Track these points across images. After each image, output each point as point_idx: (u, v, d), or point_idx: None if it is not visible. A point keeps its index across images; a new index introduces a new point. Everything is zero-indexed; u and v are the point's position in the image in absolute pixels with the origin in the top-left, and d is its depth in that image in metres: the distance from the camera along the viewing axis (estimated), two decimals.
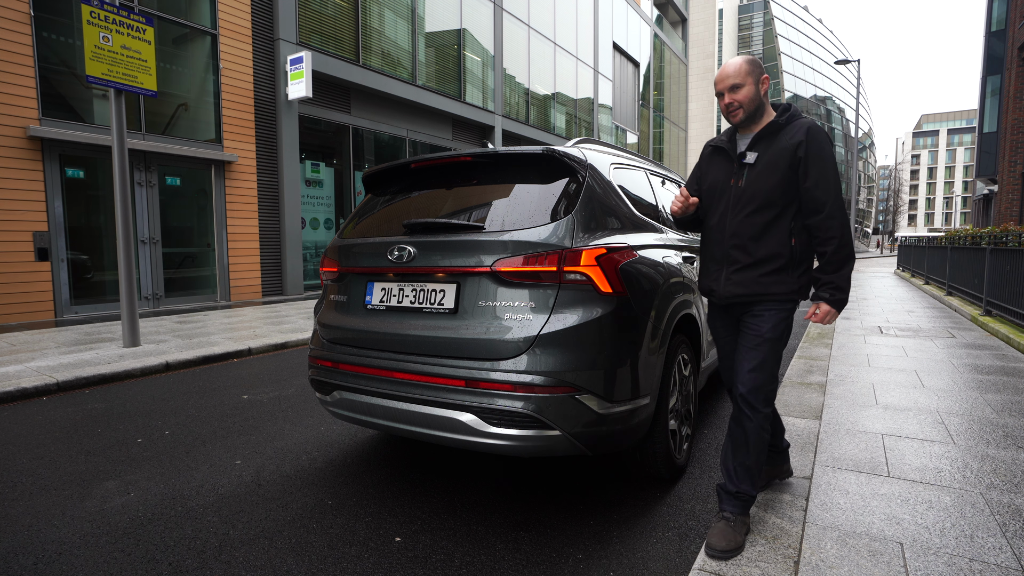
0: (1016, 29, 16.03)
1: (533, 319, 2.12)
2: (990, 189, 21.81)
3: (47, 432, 3.54)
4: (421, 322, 2.30)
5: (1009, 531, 2.01)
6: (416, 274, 2.37)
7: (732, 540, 1.89)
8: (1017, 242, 7.03)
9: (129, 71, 5.68)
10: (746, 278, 2.02)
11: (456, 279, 2.29)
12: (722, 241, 2.07)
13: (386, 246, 2.44)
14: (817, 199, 1.92)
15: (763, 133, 2.02)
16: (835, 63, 24.30)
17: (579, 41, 21.49)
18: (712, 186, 2.12)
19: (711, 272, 2.13)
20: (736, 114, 2.03)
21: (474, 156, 2.53)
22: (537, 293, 2.15)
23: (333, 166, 12.25)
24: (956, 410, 3.43)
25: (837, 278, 1.95)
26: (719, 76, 2.04)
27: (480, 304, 2.22)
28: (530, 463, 2.94)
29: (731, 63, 2.03)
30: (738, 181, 2.03)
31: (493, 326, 2.16)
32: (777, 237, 1.98)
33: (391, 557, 2.08)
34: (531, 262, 2.16)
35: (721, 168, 2.11)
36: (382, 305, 2.46)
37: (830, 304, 1.97)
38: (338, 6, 11.84)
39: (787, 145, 1.95)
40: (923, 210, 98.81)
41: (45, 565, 2.06)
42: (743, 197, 2.01)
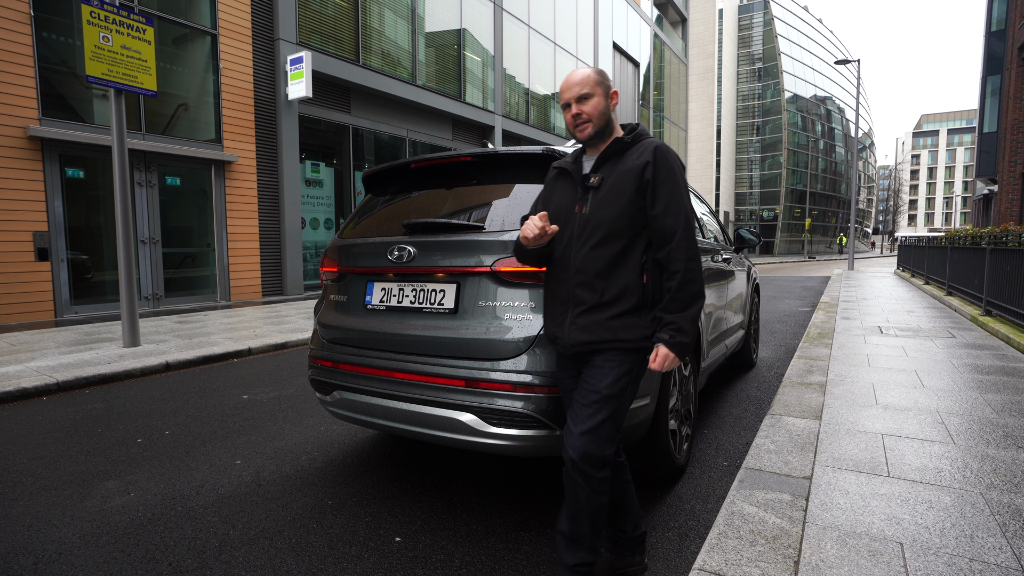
0: (1016, 29, 16.03)
1: (533, 319, 2.12)
2: (990, 189, 21.82)
3: (47, 432, 3.54)
4: (421, 322, 2.30)
5: (1009, 531, 2.01)
6: (416, 274, 2.37)
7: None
8: (1017, 242, 7.03)
9: (129, 71, 5.68)
10: (592, 322, 1.70)
11: (456, 279, 2.29)
12: (566, 279, 1.75)
13: (386, 246, 2.44)
14: (666, 227, 1.68)
15: (608, 153, 1.77)
16: (835, 63, 24.30)
17: (579, 41, 21.50)
18: (556, 213, 1.80)
19: (555, 315, 1.80)
20: (584, 128, 1.76)
21: (474, 156, 2.53)
22: (537, 293, 2.15)
23: (333, 166, 12.25)
24: (956, 410, 3.43)
25: (680, 318, 1.65)
26: (564, 85, 1.79)
27: (480, 304, 2.22)
28: (530, 463, 2.94)
29: (578, 72, 1.78)
30: (582, 208, 1.74)
31: (493, 326, 2.16)
32: (627, 273, 1.70)
33: (391, 557, 2.08)
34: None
35: (565, 193, 1.81)
36: (382, 305, 2.47)
37: (669, 347, 1.65)
38: (338, 6, 11.84)
39: (633, 166, 1.70)
40: (923, 210, 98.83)
41: (45, 565, 2.06)
42: (587, 226, 1.72)
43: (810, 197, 56.74)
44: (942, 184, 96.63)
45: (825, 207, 59.65)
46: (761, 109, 55.79)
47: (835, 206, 61.68)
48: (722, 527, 2.04)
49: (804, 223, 51.64)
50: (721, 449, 3.16)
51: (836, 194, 61.72)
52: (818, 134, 59.25)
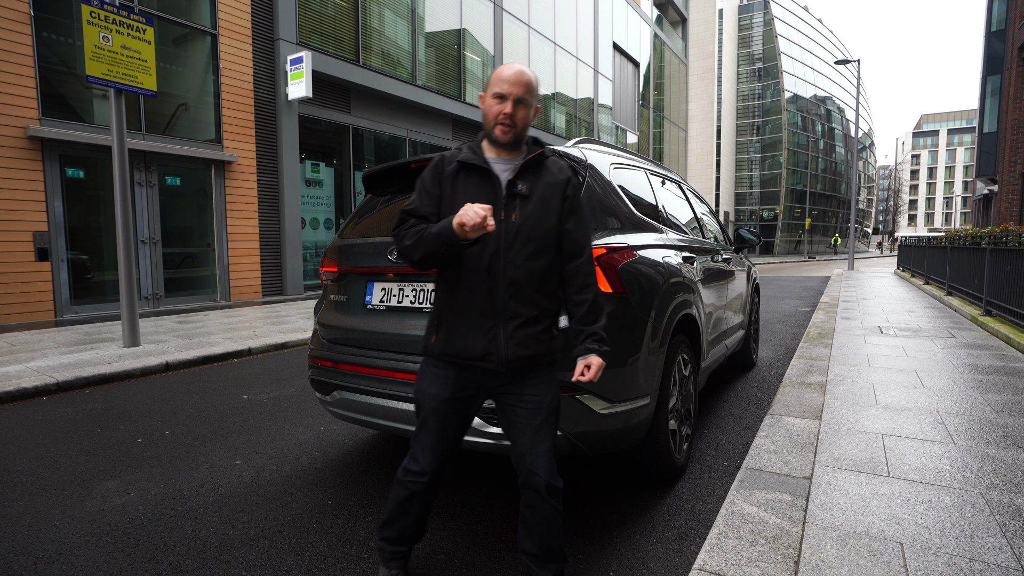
0: (1016, 29, 16.03)
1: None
2: (990, 189, 21.81)
3: (47, 432, 3.54)
4: (421, 322, 2.30)
5: (1009, 531, 2.01)
6: (416, 274, 2.37)
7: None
8: (1017, 242, 7.03)
9: (129, 71, 5.68)
10: (529, 336, 1.66)
11: None
12: (495, 289, 1.63)
13: (386, 246, 2.44)
14: (577, 242, 1.73)
15: (532, 163, 1.71)
16: (835, 63, 24.30)
17: (579, 41, 21.49)
18: None
19: (481, 329, 1.65)
20: (508, 132, 1.66)
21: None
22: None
23: (333, 166, 12.25)
24: (956, 410, 3.43)
25: (600, 329, 1.72)
26: (513, 77, 1.64)
27: None
28: None
29: (526, 72, 1.67)
30: (510, 215, 1.65)
31: None
32: (552, 286, 1.72)
33: None
34: None
35: (480, 194, 1.65)
36: (382, 305, 2.46)
37: (600, 356, 1.71)
38: (338, 6, 11.84)
39: (556, 181, 1.72)
40: (923, 210, 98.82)
41: (45, 565, 2.06)
42: (520, 236, 1.64)
43: (810, 197, 56.73)
44: (942, 184, 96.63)
45: (825, 207, 59.64)
46: (761, 109, 55.78)
47: (835, 206, 61.67)
48: (722, 527, 2.04)
49: (804, 223, 51.66)
50: (721, 449, 3.16)
51: (836, 194, 61.72)
52: (818, 134, 59.24)
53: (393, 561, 1.87)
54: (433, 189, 1.70)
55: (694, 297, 2.92)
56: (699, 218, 4.02)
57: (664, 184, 3.51)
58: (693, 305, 2.88)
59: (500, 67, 1.69)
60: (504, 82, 1.65)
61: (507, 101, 1.65)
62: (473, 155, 1.69)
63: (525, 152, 1.74)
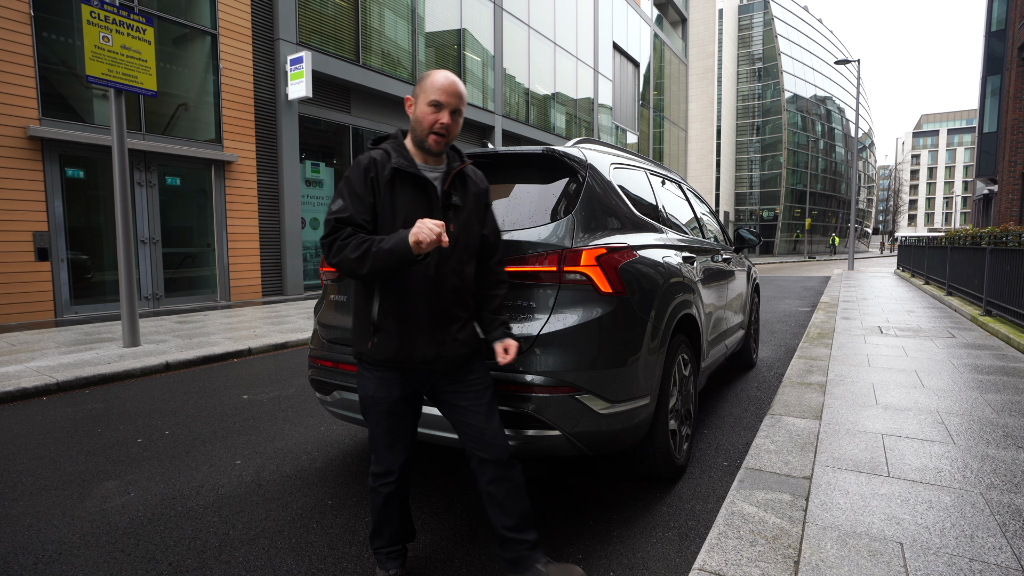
0: (1016, 29, 16.03)
1: (533, 319, 2.12)
2: (990, 189, 21.81)
3: (47, 432, 3.54)
4: None
5: (1009, 531, 2.01)
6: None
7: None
8: (1017, 242, 7.03)
9: (129, 71, 5.68)
10: (469, 334, 1.81)
11: None
12: (439, 296, 1.71)
13: None
14: (493, 244, 1.90)
15: (462, 174, 1.81)
16: (835, 63, 24.29)
17: (579, 41, 21.49)
18: (409, 226, 1.63)
19: (431, 335, 1.72)
20: (443, 142, 1.72)
21: (473, 156, 2.53)
22: (537, 293, 2.15)
23: (333, 166, 12.25)
24: (956, 410, 3.43)
25: (507, 317, 2.03)
26: (449, 87, 1.69)
27: None
28: (530, 463, 2.94)
29: (458, 82, 1.72)
30: (448, 225, 1.71)
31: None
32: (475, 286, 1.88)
33: None
34: (531, 262, 2.15)
35: (417, 203, 1.69)
36: None
37: (514, 338, 1.89)
38: (338, 6, 11.84)
39: (479, 191, 1.85)
40: (923, 210, 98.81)
41: (45, 565, 2.06)
42: (458, 245, 1.74)
43: (810, 197, 56.72)
44: (942, 184, 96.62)
45: (825, 207, 59.62)
46: (761, 109, 55.76)
47: (835, 206, 61.66)
48: (722, 527, 2.04)
49: (804, 223, 51.65)
50: (721, 449, 3.16)
51: (836, 194, 61.71)
52: (818, 134, 59.23)
53: (390, 561, 1.90)
54: (366, 195, 1.68)
55: (694, 297, 2.92)
56: (699, 218, 4.02)
57: (664, 184, 3.51)
58: (693, 305, 2.88)
59: (431, 73, 1.72)
60: (440, 91, 1.69)
61: (444, 111, 1.70)
62: (406, 162, 1.70)
63: (446, 160, 1.81)
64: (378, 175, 1.68)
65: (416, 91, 1.74)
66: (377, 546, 1.90)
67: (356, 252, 1.61)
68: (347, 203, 1.67)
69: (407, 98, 1.77)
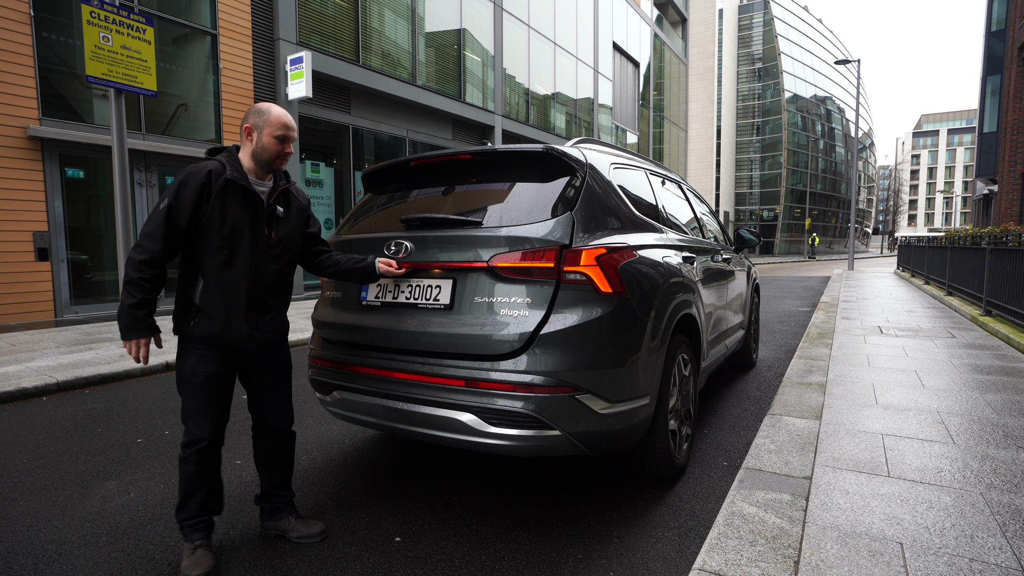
0: (1016, 29, 16.03)
1: (529, 315, 2.11)
2: (990, 189, 21.81)
3: (47, 432, 3.54)
4: (416, 318, 2.30)
5: (1009, 531, 2.01)
6: (412, 269, 2.37)
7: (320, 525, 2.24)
8: (1017, 242, 7.02)
9: (129, 71, 5.68)
10: (280, 322, 2.18)
11: (452, 275, 2.28)
12: (260, 289, 2.06)
13: (382, 241, 2.44)
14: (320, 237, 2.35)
15: (287, 192, 2.17)
16: (835, 63, 24.28)
17: (579, 41, 21.49)
18: (237, 229, 1.99)
19: (247, 317, 2.04)
20: (283, 164, 2.11)
21: (473, 154, 2.53)
22: (534, 289, 2.14)
23: (333, 166, 12.25)
24: (956, 410, 3.43)
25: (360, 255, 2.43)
26: (292, 123, 2.09)
27: (476, 300, 2.21)
28: (530, 463, 2.94)
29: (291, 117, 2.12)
30: (270, 232, 2.07)
31: (488, 322, 2.15)
32: (291, 283, 2.23)
33: (391, 557, 2.08)
34: (528, 258, 2.15)
35: (243, 211, 2.00)
36: (377, 301, 2.46)
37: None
38: (338, 6, 11.84)
39: (301, 206, 2.23)
40: (923, 210, 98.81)
41: (45, 565, 2.06)
42: (278, 247, 2.10)
43: (810, 197, 56.72)
44: (942, 184, 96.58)
45: (825, 207, 59.62)
46: (761, 109, 55.76)
47: (835, 206, 61.66)
48: (722, 527, 2.04)
49: (804, 223, 51.63)
50: (721, 449, 3.16)
51: (836, 194, 61.71)
52: (818, 134, 59.22)
53: (195, 532, 2.03)
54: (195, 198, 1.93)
55: (694, 297, 2.92)
56: (699, 218, 4.02)
57: (664, 184, 3.51)
58: (693, 305, 2.88)
59: (270, 109, 2.06)
60: (287, 127, 2.08)
61: (288, 143, 2.09)
62: (240, 175, 2.00)
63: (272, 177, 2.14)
64: (212, 184, 1.96)
65: (257, 122, 2.05)
66: (183, 518, 2.04)
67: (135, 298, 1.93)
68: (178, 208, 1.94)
69: (246, 126, 2.05)
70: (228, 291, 2.00)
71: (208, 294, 1.99)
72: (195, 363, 2.01)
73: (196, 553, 1.98)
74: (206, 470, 2.05)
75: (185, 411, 2.04)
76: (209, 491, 2.07)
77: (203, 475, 2.04)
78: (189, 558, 1.97)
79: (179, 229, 1.93)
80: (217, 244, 1.96)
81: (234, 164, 2.02)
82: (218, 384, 2.05)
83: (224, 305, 2.00)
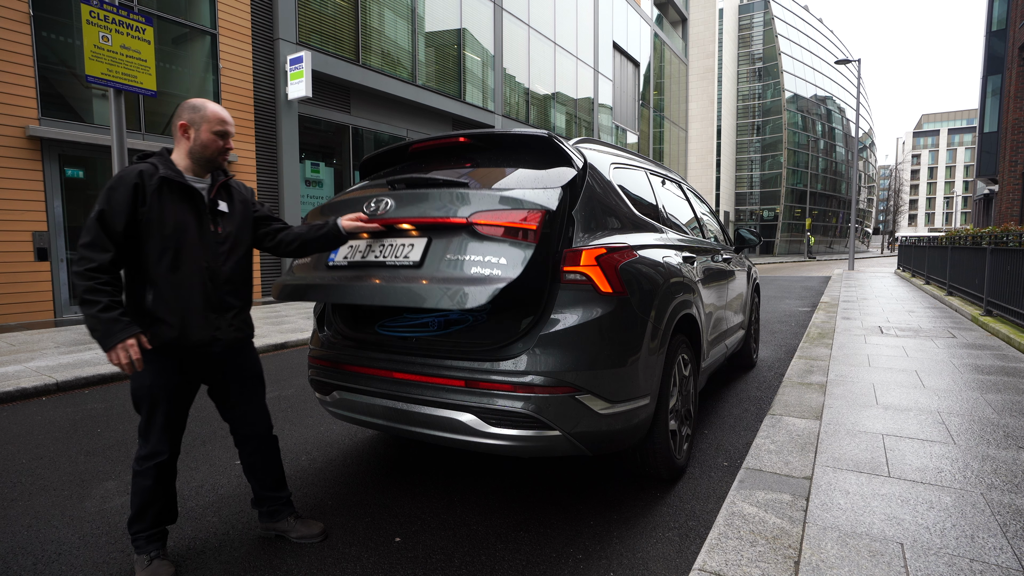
0: (1017, 29, 16.02)
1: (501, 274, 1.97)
2: (991, 189, 21.80)
3: (47, 432, 3.54)
4: (381, 274, 2.19)
5: (1010, 531, 2.01)
6: (389, 227, 2.26)
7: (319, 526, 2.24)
8: (1018, 242, 7.02)
9: (129, 71, 5.67)
10: (242, 320, 2.09)
11: (428, 233, 2.17)
12: (216, 287, 1.97)
13: (364, 200, 2.36)
14: (278, 218, 2.24)
15: (226, 185, 2.10)
16: (835, 63, 24.28)
17: (579, 41, 21.48)
18: (180, 228, 1.90)
19: (208, 319, 1.95)
20: (224, 159, 2.05)
21: (471, 137, 2.53)
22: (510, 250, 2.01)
23: (333, 166, 12.24)
24: (957, 410, 3.43)
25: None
26: (229, 119, 2.03)
27: (447, 257, 2.09)
28: (530, 463, 2.94)
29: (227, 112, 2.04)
30: (216, 227, 2.01)
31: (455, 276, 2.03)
32: (251, 279, 2.15)
33: (391, 557, 2.08)
34: (511, 218, 2.04)
35: (184, 209, 1.92)
36: (344, 262, 2.36)
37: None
38: (338, 6, 11.83)
39: (245, 199, 2.14)
40: (923, 210, 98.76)
41: (45, 565, 2.06)
42: (227, 243, 2.03)
43: (810, 197, 56.70)
44: (942, 184, 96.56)
45: (826, 207, 59.60)
46: (761, 109, 55.74)
47: (835, 206, 61.64)
48: (722, 527, 2.04)
49: (804, 223, 51.63)
50: (721, 449, 3.16)
51: (836, 194, 61.69)
52: (818, 134, 59.20)
53: (151, 544, 1.98)
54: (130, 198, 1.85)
55: (694, 297, 2.92)
56: (699, 218, 4.01)
57: (664, 184, 3.51)
58: (693, 305, 2.88)
59: (206, 105, 1.99)
60: (226, 123, 2.01)
61: (228, 139, 2.03)
62: (175, 173, 1.92)
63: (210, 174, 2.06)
64: (146, 185, 1.87)
65: (193, 118, 1.98)
66: (137, 530, 1.98)
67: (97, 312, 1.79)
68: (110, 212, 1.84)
69: (180, 123, 1.98)
70: (182, 293, 1.91)
71: (160, 299, 1.89)
72: (155, 377, 1.92)
73: (153, 564, 1.94)
74: (164, 483, 1.99)
75: (147, 427, 1.96)
76: (165, 503, 2.02)
77: (161, 488, 1.99)
78: (145, 569, 1.92)
79: (116, 235, 1.83)
80: (160, 246, 1.87)
81: (167, 164, 1.94)
82: (182, 395, 1.99)
83: (179, 308, 1.90)
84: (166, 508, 2.03)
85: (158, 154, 1.97)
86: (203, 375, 2.06)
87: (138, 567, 1.93)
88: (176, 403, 1.98)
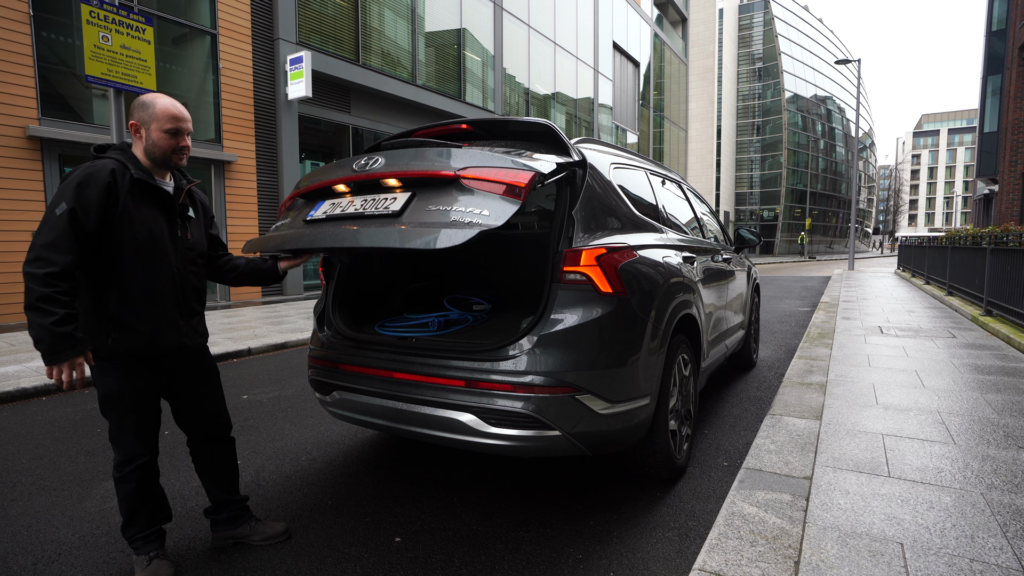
0: (1017, 29, 16.02)
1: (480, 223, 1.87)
2: (991, 189, 21.80)
3: (47, 432, 3.54)
4: (358, 223, 2.10)
5: (1010, 531, 2.01)
6: (371, 180, 2.20)
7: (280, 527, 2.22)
8: (1018, 242, 7.02)
9: (129, 71, 5.67)
10: (203, 326, 2.12)
11: (412, 187, 2.11)
12: (184, 293, 1.97)
13: (355, 159, 2.31)
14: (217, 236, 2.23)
15: (191, 193, 2.08)
16: (835, 63, 24.28)
17: (579, 41, 21.49)
18: (152, 232, 1.85)
19: (175, 324, 1.93)
20: (183, 159, 1.95)
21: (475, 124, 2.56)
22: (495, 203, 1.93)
23: None
24: (956, 410, 3.43)
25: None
26: (182, 114, 1.91)
27: (428, 208, 1.99)
28: (530, 463, 2.94)
29: (184, 108, 1.94)
30: (185, 233, 1.99)
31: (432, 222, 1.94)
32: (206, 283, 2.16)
33: (391, 557, 2.08)
34: (502, 175, 1.98)
35: (155, 213, 1.88)
36: (323, 215, 2.28)
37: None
38: (338, 6, 11.83)
39: (205, 204, 2.17)
40: (923, 210, 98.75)
41: (45, 565, 2.06)
42: (194, 250, 2.03)
43: (810, 197, 56.70)
44: (942, 184, 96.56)
45: (826, 207, 59.60)
46: (761, 109, 55.74)
47: (836, 206, 61.64)
48: (722, 527, 2.04)
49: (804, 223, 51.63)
50: (721, 449, 3.16)
51: (837, 194, 61.69)
52: (818, 134, 59.20)
53: (148, 544, 1.96)
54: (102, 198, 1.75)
55: (694, 297, 2.92)
56: (699, 218, 4.01)
57: (664, 184, 3.51)
58: (693, 305, 2.88)
59: (155, 100, 1.88)
60: (177, 119, 1.90)
61: (182, 136, 1.92)
62: (145, 174, 1.86)
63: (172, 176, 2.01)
64: (119, 184, 1.79)
65: (142, 117, 1.87)
66: (132, 534, 1.96)
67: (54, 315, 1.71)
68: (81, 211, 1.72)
69: (131, 123, 1.87)
70: (156, 299, 1.87)
71: (129, 304, 1.83)
72: (122, 383, 1.87)
73: (153, 564, 1.92)
74: (148, 484, 1.97)
75: (118, 433, 1.91)
76: (155, 503, 2.00)
77: (146, 489, 1.96)
78: (145, 569, 1.90)
79: (85, 236, 1.71)
80: (134, 249, 1.81)
81: (135, 163, 1.86)
82: (150, 398, 1.96)
83: (150, 314, 1.86)
84: (157, 508, 2.01)
85: (119, 148, 1.88)
86: (167, 377, 2.02)
87: (138, 567, 1.93)
88: (145, 406, 1.94)
